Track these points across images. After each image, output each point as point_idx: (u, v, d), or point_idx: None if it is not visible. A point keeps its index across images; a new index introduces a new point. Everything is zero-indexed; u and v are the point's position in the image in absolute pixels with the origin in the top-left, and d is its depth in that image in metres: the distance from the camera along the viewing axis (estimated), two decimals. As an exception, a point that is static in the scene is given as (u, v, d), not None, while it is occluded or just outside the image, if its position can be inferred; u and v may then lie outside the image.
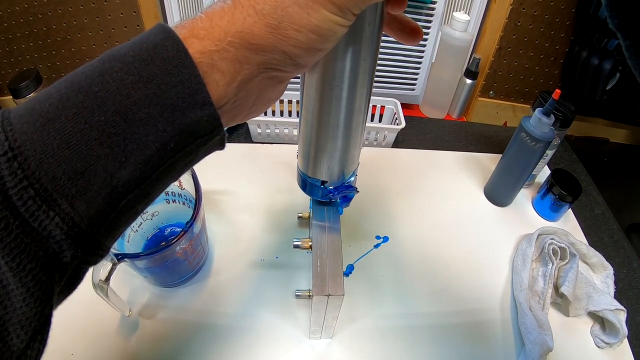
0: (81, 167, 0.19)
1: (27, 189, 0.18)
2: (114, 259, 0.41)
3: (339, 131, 0.34)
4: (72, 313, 0.49)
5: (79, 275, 0.22)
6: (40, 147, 0.18)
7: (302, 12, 0.22)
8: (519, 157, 0.60)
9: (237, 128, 0.77)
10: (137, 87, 0.20)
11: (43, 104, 0.19)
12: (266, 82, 0.25)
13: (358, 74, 0.30)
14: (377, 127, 0.73)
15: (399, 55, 0.79)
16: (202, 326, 0.49)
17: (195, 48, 0.21)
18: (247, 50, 0.22)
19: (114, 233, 0.22)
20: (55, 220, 0.19)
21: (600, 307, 0.52)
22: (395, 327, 0.51)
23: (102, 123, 0.19)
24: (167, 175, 0.22)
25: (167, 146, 0.21)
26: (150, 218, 0.54)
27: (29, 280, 0.19)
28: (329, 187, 0.40)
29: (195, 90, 0.21)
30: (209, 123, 0.22)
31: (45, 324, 0.21)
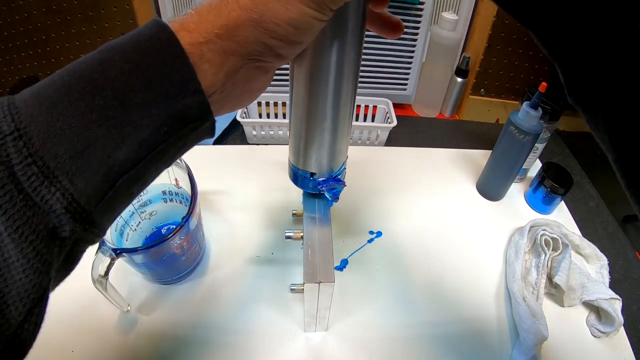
0: (81, 146, 0.20)
1: (31, 166, 0.19)
2: (112, 254, 0.42)
3: (326, 124, 0.35)
4: (73, 311, 0.50)
5: (76, 254, 0.24)
6: (44, 128, 0.20)
7: (281, 6, 0.23)
8: (508, 151, 0.61)
9: (232, 130, 0.78)
10: (134, 75, 0.21)
11: (47, 89, 0.21)
12: (251, 73, 0.26)
13: (343, 68, 0.32)
14: (369, 126, 0.75)
15: (390, 56, 0.80)
16: (200, 321, 0.50)
17: (186, 40, 0.23)
18: (232, 41, 0.24)
19: (110, 213, 0.23)
20: (56, 195, 0.20)
21: (594, 297, 0.53)
22: (389, 320, 0.52)
23: (101, 107, 0.21)
24: (160, 159, 0.24)
25: (161, 130, 0.22)
26: (149, 217, 0.55)
27: (30, 252, 0.20)
28: (318, 179, 0.41)
29: (187, 79, 0.23)
30: (200, 110, 0.24)
31: (43, 297, 0.22)
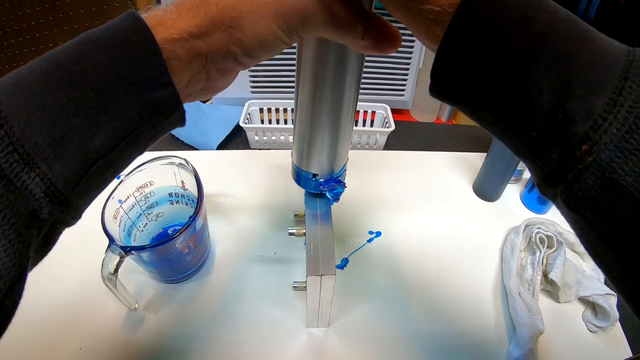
0: (59, 135, 0.22)
1: (13, 153, 0.21)
2: (122, 252, 0.44)
3: (328, 128, 0.37)
4: (81, 309, 0.52)
5: (53, 235, 0.25)
6: (24, 117, 0.21)
7: (254, 19, 0.25)
8: (503, 151, 0.63)
9: (235, 136, 0.80)
10: (109, 67, 0.23)
11: (26, 79, 0.22)
12: (213, 74, 0.29)
13: (345, 77, 0.34)
14: (368, 130, 0.77)
15: (388, 63, 0.83)
16: (205, 318, 0.52)
17: (162, 35, 0.24)
18: (202, 42, 0.25)
19: (85, 196, 0.25)
20: (35, 180, 0.21)
21: (590, 293, 0.54)
22: (389, 315, 0.53)
23: (78, 98, 0.22)
24: (132, 147, 0.26)
25: (133, 119, 0.24)
26: (155, 219, 0.57)
27: (12, 233, 0.21)
28: (319, 180, 0.43)
29: (160, 72, 0.24)
30: (170, 101, 0.26)
31: (22, 275, 0.23)
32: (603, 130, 0.20)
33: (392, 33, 0.28)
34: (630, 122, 0.20)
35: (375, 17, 0.28)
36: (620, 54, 0.21)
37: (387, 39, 0.28)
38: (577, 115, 0.20)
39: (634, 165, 0.20)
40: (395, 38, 0.29)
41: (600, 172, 0.21)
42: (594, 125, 0.20)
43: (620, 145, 0.20)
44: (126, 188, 0.51)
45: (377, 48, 0.28)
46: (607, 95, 0.20)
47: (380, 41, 0.28)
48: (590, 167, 0.21)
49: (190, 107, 0.82)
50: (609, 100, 0.20)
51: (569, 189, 0.22)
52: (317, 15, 0.26)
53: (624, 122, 0.20)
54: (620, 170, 0.20)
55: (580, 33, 0.21)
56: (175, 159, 0.52)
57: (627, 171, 0.20)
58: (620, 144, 0.20)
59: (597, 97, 0.20)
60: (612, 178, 0.20)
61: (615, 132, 0.20)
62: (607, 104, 0.20)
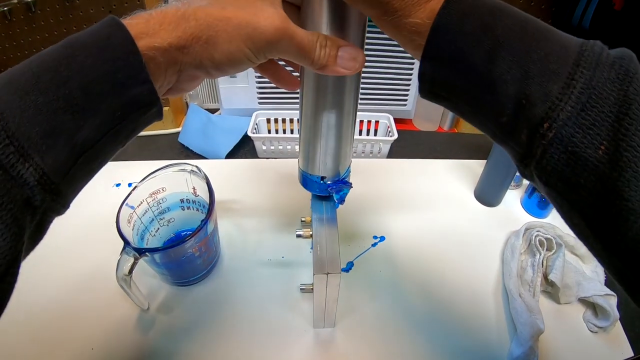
0: (50, 129, 0.24)
1: (9, 146, 0.23)
2: (136, 254, 0.46)
3: (332, 131, 0.40)
4: (93, 311, 0.54)
5: (45, 223, 0.28)
6: (19, 113, 0.24)
7: (226, 38, 0.29)
8: (502, 158, 0.65)
9: (243, 145, 0.83)
10: (94, 68, 0.26)
11: (19, 79, 0.25)
12: (183, 79, 0.32)
13: (345, 83, 0.36)
14: (372, 139, 0.79)
15: (391, 74, 0.85)
16: (215, 320, 0.53)
17: (144, 42, 0.27)
18: (179, 51, 0.28)
19: (73, 185, 0.28)
20: (29, 170, 0.24)
21: (590, 293, 0.55)
22: (393, 316, 0.54)
23: (67, 95, 0.25)
24: (115, 139, 0.28)
25: (115, 114, 0.27)
26: (167, 224, 0.59)
27: (8, 218, 0.23)
28: (327, 182, 0.45)
29: (139, 72, 0.27)
30: (148, 97, 0.28)
31: (17, 259, 0.25)
32: (560, 109, 0.24)
33: (348, 56, 0.32)
34: (584, 101, 0.23)
35: (330, 44, 0.31)
36: (574, 46, 0.25)
37: (340, 64, 0.32)
38: (537, 99, 0.24)
39: (592, 138, 0.23)
40: (354, 60, 0.33)
41: (563, 146, 0.24)
42: (551, 105, 0.24)
43: (577, 122, 0.23)
44: (140, 194, 0.53)
45: (331, 72, 0.32)
46: (562, 81, 0.24)
47: (332, 64, 0.32)
48: (554, 142, 0.24)
49: (200, 117, 0.85)
50: (563, 84, 0.24)
51: (539, 164, 0.26)
52: (282, 42, 0.30)
53: (578, 101, 0.23)
54: (581, 144, 0.23)
55: (536, 32, 0.25)
56: (187, 166, 0.55)
57: (586, 144, 0.23)
58: (577, 120, 0.23)
59: (553, 82, 0.24)
60: (574, 151, 0.24)
61: (571, 110, 0.23)
62: (562, 87, 0.24)
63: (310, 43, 0.30)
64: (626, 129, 0.23)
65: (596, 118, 0.23)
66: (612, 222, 0.24)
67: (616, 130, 0.23)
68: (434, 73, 0.28)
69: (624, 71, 0.23)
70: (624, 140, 0.23)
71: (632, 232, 0.23)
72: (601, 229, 0.25)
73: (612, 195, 0.23)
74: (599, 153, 0.23)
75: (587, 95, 0.23)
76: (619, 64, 0.24)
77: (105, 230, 0.62)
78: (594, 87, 0.23)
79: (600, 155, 0.23)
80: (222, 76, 0.33)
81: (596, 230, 0.25)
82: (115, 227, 0.48)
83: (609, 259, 0.26)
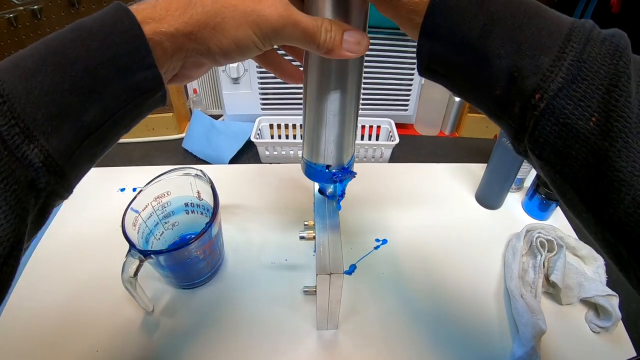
0: (55, 111, 0.25)
1: (14, 127, 0.23)
2: (141, 256, 0.47)
3: (337, 118, 0.40)
4: (98, 313, 0.54)
5: (47, 207, 0.27)
6: (24, 95, 0.24)
7: (234, 24, 0.29)
8: (502, 160, 0.65)
9: (246, 151, 0.84)
10: (100, 51, 0.26)
11: (26, 61, 0.25)
12: (189, 64, 0.32)
13: (348, 70, 0.37)
14: (374, 144, 0.80)
15: (392, 80, 0.86)
16: (219, 322, 0.54)
17: (150, 27, 0.27)
18: (186, 37, 0.28)
19: (77, 169, 0.28)
20: (34, 151, 0.24)
21: (591, 294, 0.56)
22: (396, 318, 0.55)
23: (73, 78, 0.25)
24: (119, 124, 0.28)
25: (120, 97, 0.27)
26: (171, 228, 0.60)
27: (13, 199, 0.23)
28: (332, 171, 0.45)
29: (144, 56, 0.27)
30: (153, 81, 0.28)
31: (21, 242, 0.25)
32: (550, 80, 0.24)
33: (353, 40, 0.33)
34: (574, 73, 0.24)
35: (335, 29, 0.32)
36: (566, 23, 0.26)
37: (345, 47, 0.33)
38: (529, 72, 0.25)
39: (584, 110, 0.24)
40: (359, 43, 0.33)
41: (555, 117, 0.25)
42: (542, 77, 0.25)
43: (568, 94, 0.24)
44: (145, 197, 0.54)
45: (337, 55, 0.33)
46: (553, 54, 0.25)
47: (338, 48, 0.32)
48: (545, 113, 0.25)
49: (204, 123, 0.86)
50: (554, 57, 0.25)
51: (532, 136, 0.26)
52: (286, 27, 0.30)
53: (568, 73, 0.24)
54: (572, 115, 0.24)
55: (529, 9, 0.26)
56: (191, 170, 0.56)
57: (577, 115, 0.24)
58: (568, 92, 0.24)
59: (544, 56, 0.25)
60: (566, 122, 0.24)
61: (561, 81, 0.24)
62: (553, 60, 0.25)
63: (315, 28, 0.31)
64: (616, 100, 0.23)
65: (587, 90, 0.24)
66: (604, 194, 0.24)
67: (606, 102, 0.24)
68: (431, 49, 0.29)
69: (614, 47, 0.24)
70: (614, 111, 0.23)
71: (624, 204, 0.24)
72: (594, 201, 0.25)
73: (603, 166, 0.24)
74: (590, 125, 0.24)
75: (577, 67, 0.24)
76: (609, 40, 0.24)
77: (110, 234, 0.63)
78: (584, 60, 0.24)
79: (592, 127, 0.24)
80: (229, 63, 0.33)
81: (589, 203, 0.26)
82: (121, 230, 0.48)
83: (602, 234, 0.27)
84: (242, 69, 0.82)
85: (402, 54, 0.84)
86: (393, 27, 0.79)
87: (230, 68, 0.82)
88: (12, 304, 0.55)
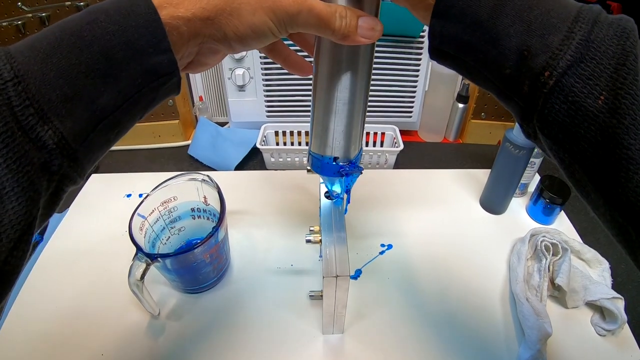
0: (70, 93, 0.25)
1: (29, 107, 0.23)
2: (148, 260, 0.47)
3: (346, 107, 0.40)
4: (104, 317, 0.55)
5: (59, 193, 0.27)
6: (40, 76, 0.24)
7: (250, 10, 0.29)
8: (506, 166, 0.66)
9: (252, 157, 0.85)
10: (116, 34, 0.26)
11: (41, 42, 0.25)
12: (205, 51, 0.33)
13: (359, 59, 0.37)
14: (378, 150, 0.81)
15: (395, 87, 0.87)
16: (224, 327, 0.54)
17: (168, 11, 0.27)
18: (203, 22, 0.29)
19: (90, 154, 0.27)
20: (48, 132, 0.24)
21: (597, 297, 0.55)
22: (402, 322, 0.55)
23: (89, 60, 0.25)
24: (134, 108, 0.28)
25: (136, 81, 0.27)
26: (177, 233, 0.61)
27: (25, 181, 0.23)
28: (340, 163, 0.44)
29: (160, 40, 0.27)
30: (168, 66, 0.28)
31: (32, 226, 0.25)
32: (559, 58, 0.25)
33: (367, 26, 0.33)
34: (583, 52, 0.25)
35: (350, 15, 0.32)
36: (574, 6, 0.26)
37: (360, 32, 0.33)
38: (538, 50, 0.26)
39: (592, 88, 0.24)
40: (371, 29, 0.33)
41: (564, 96, 0.25)
42: (552, 55, 0.25)
43: (577, 72, 0.25)
44: (151, 202, 0.54)
45: (352, 41, 0.33)
46: (562, 34, 0.25)
47: (353, 34, 0.33)
48: (554, 90, 0.26)
49: (210, 130, 0.87)
50: (563, 37, 0.25)
51: (541, 115, 0.27)
52: (301, 13, 0.30)
53: (577, 52, 0.25)
54: (581, 94, 0.25)
55: None
56: (198, 175, 0.56)
57: (586, 94, 0.25)
58: (577, 70, 0.25)
59: (553, 35, 0.26)
60: (575, 101, 0.25)
61: (570, 59, 0.25)
62: (561, 39, 0.25)
63: (330, 14, 0.31)
64: (624, 78, 0.24)
65: (595, 69, 0.24)
66: (613, 173, 0.25)
67: (614, 80, 0.24)
68: (443, 29, 0.30)
69: (621, 29, 0.25)
70: (622, 89, 0.24)
71: (633, 182, 0.24)
72: (602, 180, 0.26)
73: (611, 143, 0.24)
74: (599, 103, 0.24)
75: (585, 47, 0.25)
76: (617, 23, 0.25)
77: (117, 239, 0.64)
78: (592, 40, 0.25)
79: (600, 105, 0.24)
80: (244, 50, 0.33)
81: (597, 182, 0.26)
82: (128, 235, 0.49)
83: (610, 215, 0.27)
84: (248, 76, 0.84)
85: (406, 61, 0.84)
86: (397, 34, 0.80)
87: (236, 76, 0.83)
88: (18, 308, 0.56)
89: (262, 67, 0.83)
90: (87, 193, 0.74)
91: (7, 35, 0.81)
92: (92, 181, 0.77)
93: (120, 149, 0.89)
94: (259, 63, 0.83)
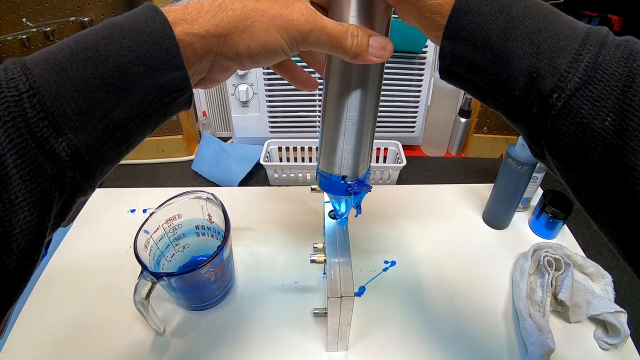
0: (85, 106, 0.25)
1: (43, 120, 0.23)
2: (153, 279, 0.48)
3: (355, 126, 0.40)
4: (109, 333, 0.55)
5: (70, 203, 0.27)
6: (55, 89, 0.24)
7: (262, 28, 0.30)
8: (509, 181, 0.66)
9: (255, 173, 0.86)
10: (131, 50, 0.26)
11: (57, 55, 0.25)
12: (217, 68, 0.33)
13: (369, 78, 0.37)
14: (381, 166, 0.81)
15: (398, 102, 0.88)
16: (229, 344, 0.54)
17: (182, 28, 0.28)
18: (216, 39, 0.29)
19: (102, 166, 0.28)
20: (62, 145, 0.24)
21: (599, 311, 0.56)
22: (405, 339, 0.55)
23: (103, 74, 0.26)
24: (146, 123, 0.29)
25: (149, 96, 0.28)
26: (182, 250, 0.61)
27: (38, 191, 0.24)
28: (348, 182, 0.45)
29: (174, 56, 0.28)
30: (181, 82, 0.29)
31: (44, 235, 0.25)
32: (567, 80, 0.26)
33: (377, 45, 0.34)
34: (590, 74, 0.25)
35: (361, 34, 0.33)
36: (582, 28, 0.27)
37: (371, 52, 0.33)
38: (547, 72, 0.26)
39: (599, 110, 0.25)
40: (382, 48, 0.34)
41: (572, 117, 0.26)
42: (560, 77, 0.26)
43: (585, 94, 0.25)
44: (156, 220, 0.55)
45: (363, 60, 0.33)
46: (570, 56, 0.26)
47: (364, 53, 0.33)
48: (562, 112, 0.26)
49: (213, 146, 0.88)
50: (571, 59, 0.26)
51: (549, 136, 0.27)
52: (313, 32, 0.31)
53: (584, 74, 0.25)
54: (588, 115, 0.25)
55: (548, 14, 0.28)
56: (202, 193, 0.57)
57: (593, 115, 0.25)
58: (584, 92, 0.25)
59: (562, 57, 0.26)
60: (582, 122, 0.25)
61: (578, 82, 0.25)
62: (570, 62, 0.26)
63: (342, 33, 0.31)
64: (630, 100, 0.24)
65: (602, 91, 0.25)
66: (619, 193, 0.25)
67: (621, 102, 0.24)
68: (454, 50, 0.30)
69: (628, 51, 0.25)
70: (629, 111, 0.24)
71: (639, 203, 0.24)
72: (609, 201, 0.26)
73: (618, 164, 0.24)
74: (606, 124, 0.25)
75: (593, 69, 0.25)
76: (624, 45, 0.25)
77: (121, 254, 0.64)
78: (600, 62, 0.25)
79: (607, 127, 0.25)
80: (254, 67, 0.34)
81: (604, 202, 0.26)
82: (132, 251, 0.49)
83: (618, 235, 0.27)
84: (251, 92, 0.84)
85: (408, 76, 0.85)
86: (399, 50, 0.81)
87: (240, 92, 0.83)
88: (22, 322, 0.56)
89: (265, 83, 0.84)
90: (91, 208, 0.75)
91: (11, 49, 0.82)
92: (95, 196, 0.77)
93: (124, 164, 0.90)
94: (262, 79, 0.84)
